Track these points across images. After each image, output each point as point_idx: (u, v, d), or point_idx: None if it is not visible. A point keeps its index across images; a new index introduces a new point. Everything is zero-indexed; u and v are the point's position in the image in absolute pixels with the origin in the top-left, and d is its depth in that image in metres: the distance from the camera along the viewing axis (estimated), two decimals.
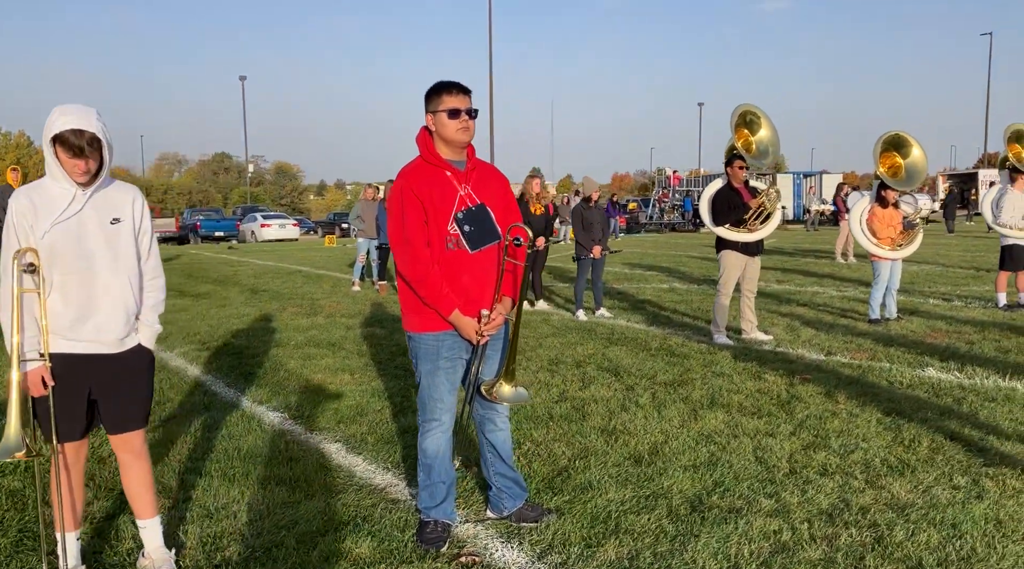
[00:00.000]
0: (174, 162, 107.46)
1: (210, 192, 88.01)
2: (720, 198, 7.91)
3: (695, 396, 5.56)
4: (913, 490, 3.79)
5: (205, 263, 19.13)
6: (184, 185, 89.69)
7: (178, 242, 34.98)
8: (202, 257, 21.54)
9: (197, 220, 36.69)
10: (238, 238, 36.78)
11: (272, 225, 35.72)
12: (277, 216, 38.53)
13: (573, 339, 7.85)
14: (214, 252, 24.72)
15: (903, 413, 5.06)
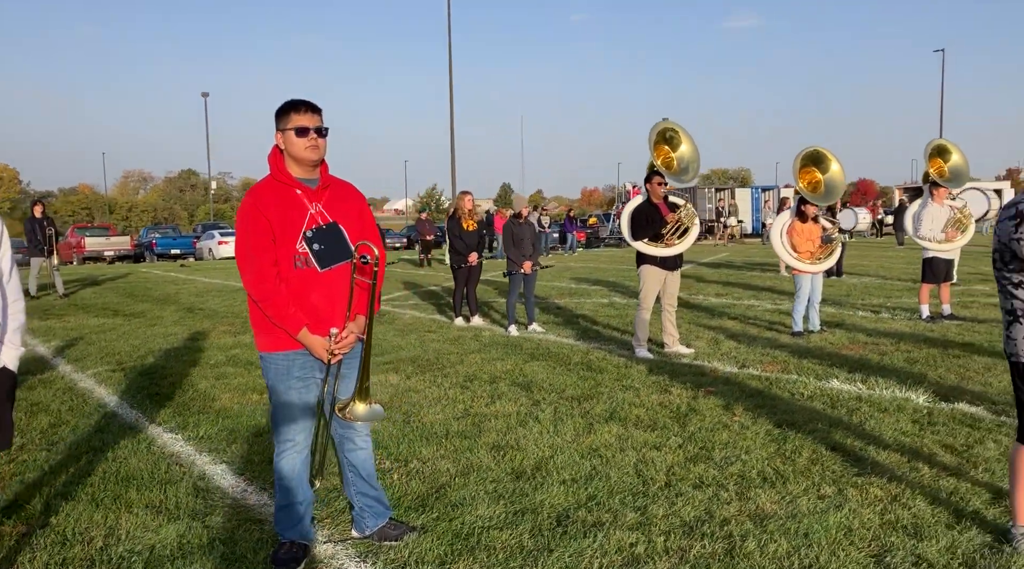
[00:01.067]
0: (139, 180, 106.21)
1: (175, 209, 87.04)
2: (639, 213, 8.03)
3: (596, 410, 5.61)
4: (779, 501, 3.86)
5: (151, 281, 18.90)
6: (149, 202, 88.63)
7: (134, 260, 34.49)
8: (151, 276, 21.26)
9: (153, 238, 36.24)
10: (196, 256, 36.36)
11: (230, 242, 35.34)
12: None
13: (495, 355, 7.88)
14: (164, 270, 24.41)
15: (794, 424, 5.16)
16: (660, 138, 8.24)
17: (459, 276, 10.36)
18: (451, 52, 39.01)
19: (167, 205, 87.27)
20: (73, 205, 78.74)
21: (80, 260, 33.48)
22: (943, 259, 9.86)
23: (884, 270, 17.34)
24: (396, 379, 6.77)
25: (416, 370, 7.18)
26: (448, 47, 38.96)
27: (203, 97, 56.76)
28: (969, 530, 3.49)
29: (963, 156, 10.06)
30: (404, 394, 6.21)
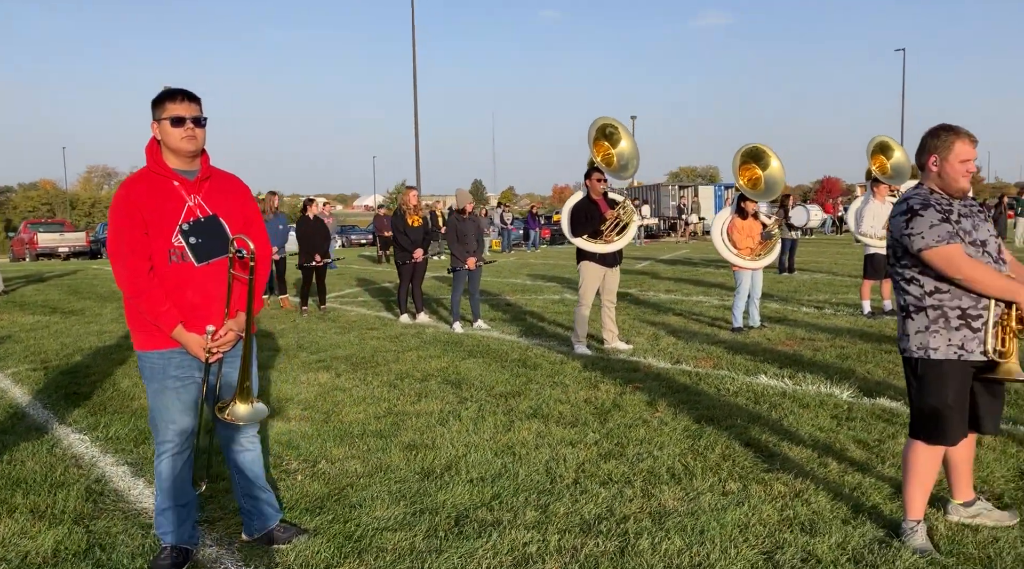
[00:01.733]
0: (103, 175, 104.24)
1: None
2: (578, 210, 8.00)
3: (521, 407, 5.57)
4: (682, 498, 3.85)
5: (99, 278, 18.50)
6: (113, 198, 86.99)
7: (90, 256, 33.82)
8: (101, 273, 20.81)
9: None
10: None
11: None
12: None
13: (433, 352, 7.81)
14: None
15: (713, 420, 5.16)
16: (600, 134, 8.21)
17: (404, 272, 10.26)
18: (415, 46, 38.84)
19: None
20: (33, 201, 77.06)
21: (33, 256, 32.75)
22: (884, 255, 9.96)
23: (836, 266, 17.53)
24: (326, 378, 6.67)
25: (348, 368, 7.08)
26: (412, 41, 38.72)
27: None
28: (864, 525, 3.50)
29: (905, 153, 10.18)
30: (330, 393, 6.11)
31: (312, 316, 10.75)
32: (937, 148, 3.31)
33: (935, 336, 3.26)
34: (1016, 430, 4.84)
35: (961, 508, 3.57)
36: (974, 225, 3.27)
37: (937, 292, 3.26)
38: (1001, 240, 3.40)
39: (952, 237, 3.19)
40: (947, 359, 3.23)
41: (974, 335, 3.22)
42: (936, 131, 3.34)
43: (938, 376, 3.25)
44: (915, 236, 3.24)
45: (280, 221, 11.68)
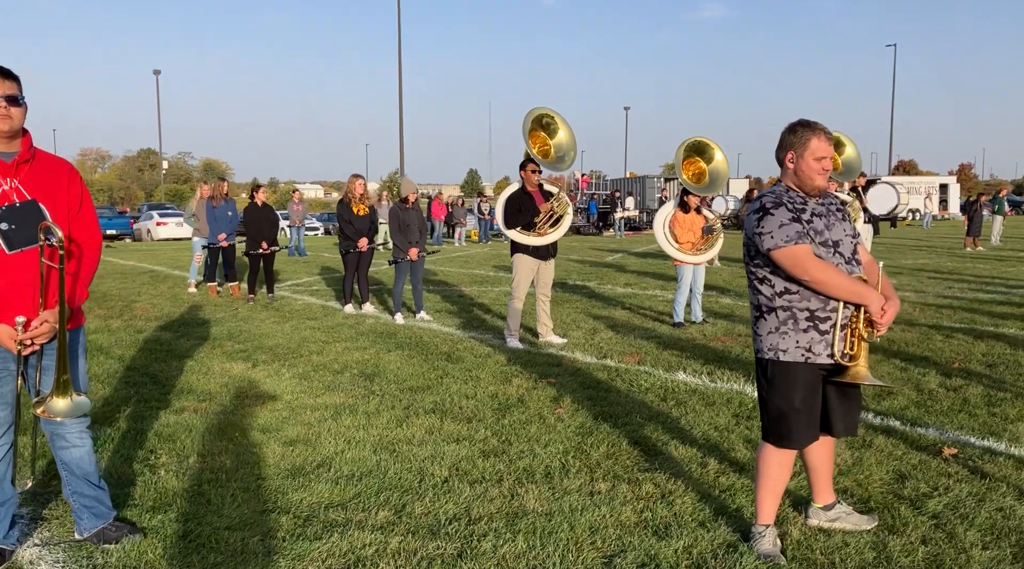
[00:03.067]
0: (97, 158, 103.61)
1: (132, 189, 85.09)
2: (512, 202, 7.89)
3: (424, 402, 5.48)
4: (546, 498, 3.77)
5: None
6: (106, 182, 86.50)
7: None
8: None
9: None
10: (134, 236, 35.54)
11: (169, 223, 34.54)
12: (176, 214, 37.28)
13: (362, 344, 7.71)
14: None
15: (612, 417, 5.08)
16: (536, 125, 8.09)
17: (348, 262, 10.14)
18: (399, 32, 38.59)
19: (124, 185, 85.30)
20: None
21: None
22: None
23: None
24: (239, 369, 6.57)
25: (268, 359, 6.98)
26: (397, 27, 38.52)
27: (155, 74, 55.37)
28: (719, 529, 3.43)
29: (856, 149, 10.10)
30: (236, 385, 6.01)
31: (258, 304, 10.63)
32: (793, 144, 3.22)
33: (785, 337, 3.18)
34: (913, 431, 4.78)
35: (821, 512, 3.50)
36: (828, 225, 3.18)
37: (787, 293, 3.17)
38: (860, 240, 3.32)
39: (801, 237, 3.10)
40: (795, 361, 3.15)
41: (822, 337, 3.14)
42: (793, 127, 3.24)
43: (786, 378, 3.17)
44: (765, 235, 3.15)
45: (229, 208, 11.54)
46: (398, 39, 38.50)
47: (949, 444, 4.55)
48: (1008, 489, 3.86)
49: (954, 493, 3.81)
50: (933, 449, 4.47)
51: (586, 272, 15.33)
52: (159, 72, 55.18)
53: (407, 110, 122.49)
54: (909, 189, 45.55)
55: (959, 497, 3.76)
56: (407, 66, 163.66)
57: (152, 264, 17.71)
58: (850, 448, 4.48)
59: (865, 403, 5.46)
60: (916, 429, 4.85)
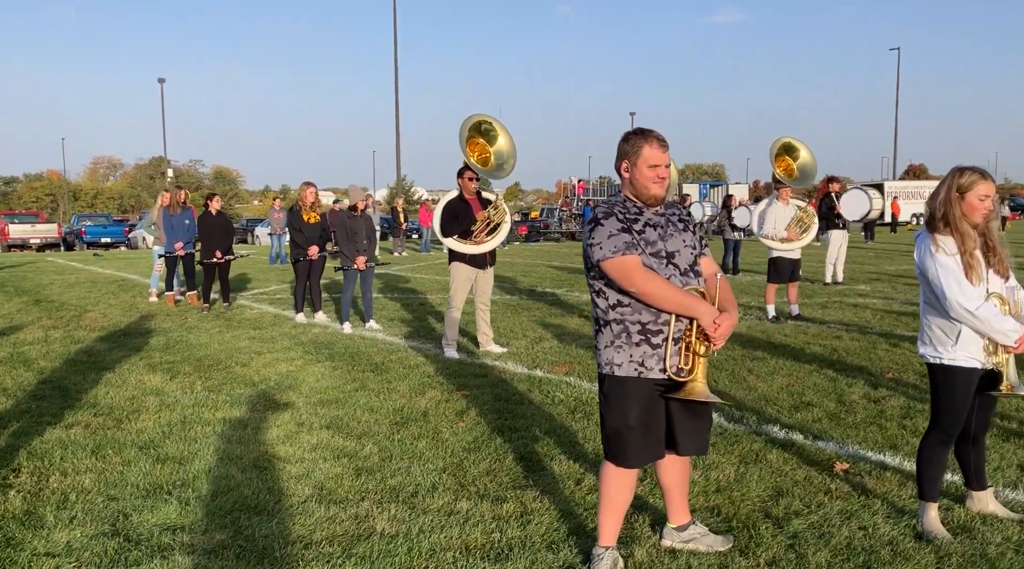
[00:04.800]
0: (109, 166, 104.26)
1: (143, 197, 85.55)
2: (448, 210, 7.78)
3: (325, 416, 5.36)
4: (400, 519, 3.65)
5: (41, 271, 18.33)
6: (117, 190, 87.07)
7: (66, 248, 33.70)
8: (53, 265, 20.66)
9: (83, 226, 35.40)
10: (129, 244, 35.65)
11: None
12: None
13: (294, 355, 7.61)
14: (68, 259, 23.75)
15: (512, 430, 4.97)
16: (475, 132, 7.99)
17: (299, 270, 10.05)
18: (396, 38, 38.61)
19: (134, 193, 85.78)
20: (37, 191, 77.27)
21: (4, 248, 32.67)
22: (788, 259, 9.74)
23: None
24: (156, 381, 6.47)
25: (189, 371, 6.88)
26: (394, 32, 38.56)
27: (160, 83, 55.62)
28: (563, 551, 3.30)
29: (811, 153, 9.94)
30: (144, 397, 5.92)
31: (212, 313, 10.56)
32: (627, 153, 3.10)
33: (619, 351, 3.05)
34: (812, 446, 4.64)
35: (675, 532, 3.37)
36: (663, 236, 3.06)
37: (619, 306, 3.05)
38: (705, 252, 3.19)
39: (630, 248, 2.98)
40: (629, 376, 3.03)
41: (654, 351, 3.01)
42: (627, 136, 3.13)
43: (620, 394, 3.05)
44: (595, 246, 3.03)
45: (187, 216, 11.48)
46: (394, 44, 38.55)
47: (844, 459, 4.41)
48: (882, 506, 3.72)
49: (824, 511, 3.67)
50: (826, 464, 4.32)
51: (559, 279, 15.20)
52: (164, 80, 55.49)
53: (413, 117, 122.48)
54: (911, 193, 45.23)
55: (828, 515, 3.62)
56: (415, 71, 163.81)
57: (129, 273, 17.68)
58: (743, 463, 4.34)
59: (775, 415, 5.32)
60: (817, 443, 4.71)
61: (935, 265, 3.33)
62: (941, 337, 3.40)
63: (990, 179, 3.35)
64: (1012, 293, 3.42)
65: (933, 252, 3.35)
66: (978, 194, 3.32)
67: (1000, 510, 3.62)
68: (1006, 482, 4.04)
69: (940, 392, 3.43)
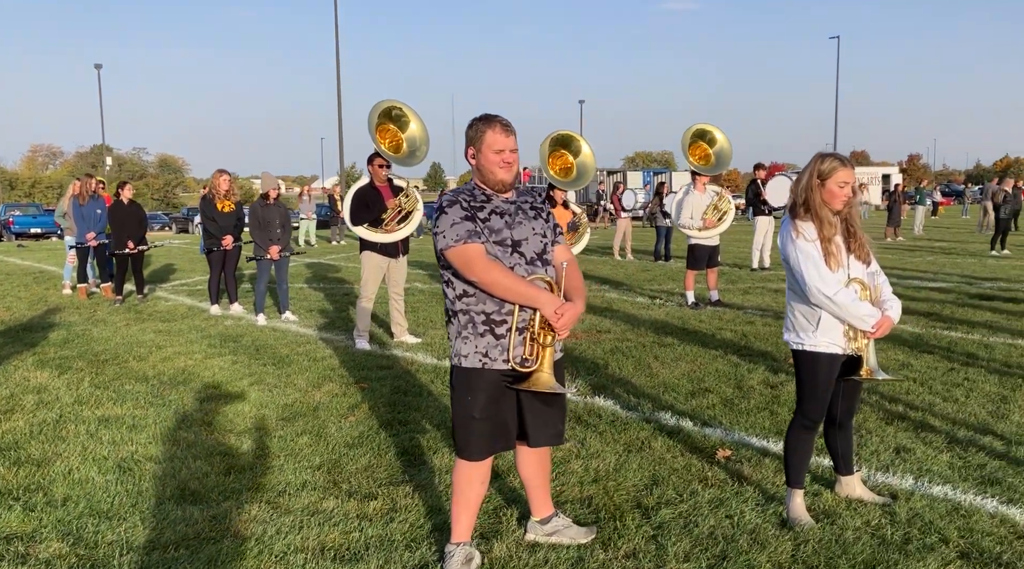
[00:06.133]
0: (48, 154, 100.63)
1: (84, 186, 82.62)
2: (358, 197, 7.60)
3: (210, 412, 5.17)
4: (260, 519, 3.51)
5: None
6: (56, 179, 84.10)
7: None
8: None
9: (11, 216, 34.07)
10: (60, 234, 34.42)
11: None
12: None
13: (195, 348, 7.37)
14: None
15: (402, 423, 4.86)
16: (385, 118, 7.80)
17: (213, 261, 9.75)
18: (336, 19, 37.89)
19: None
20: None
21: None
22: (706, 246, 9.79)
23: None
24: (43, 377, 6.19)
25: (82, 366, 6.61)
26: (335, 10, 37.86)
27: (96, 68, 53.79)
28: (422, 549, 3.20)
29: (728, 141, 9.96)
30: (22, 395, 5.65)
31: (125, 306, 10.20)
32: (473, 140, 3.00)
33: (466, 342, 2.96)
34: (700, 432, 4.62)
35: (538, 526, 3.30)
36: (510, 224, 2.96)
37: (465, 296, 2.95)
38: (560, 239, 3.10)
39: (472, 236, 2.88)
40: (474, 367, 2.94)
41: (497, 342, 2.92)
42: (472, 122, 3.02)
43: (466, 385, 2.96)
44: (439, 234, 2.93)
45: (99, 205, 11.06)
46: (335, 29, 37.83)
47: (728, 445, 4.40)
48: (754, 493, 3.71)
49: (696, 500, 3.64)
50: (710, 451, 4.31)
51: None
52: (100, 66, 53.78)
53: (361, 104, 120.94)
54: None
55: (698, 504, 3.59)
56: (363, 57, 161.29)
57: (49, 264, 17.04)
58: (627, 451, 4.30)
59: (670, 402, 5.30)
60: (705, 430, 4.69)
61: (796, 251, 3.31)
62: (803, 323, 3.38)
63: (850, 166, 3.34)
64: (873, 278, 3.42)
65: (794, 238, 3.32)
66: (838, 181, 3.30)
67: (867, 495, 3.63)
68: (880, 465, 4.07)
69: (803, 378, 3.42)
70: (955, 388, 5.53)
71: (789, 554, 3.11)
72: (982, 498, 3.60)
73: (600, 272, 14.02)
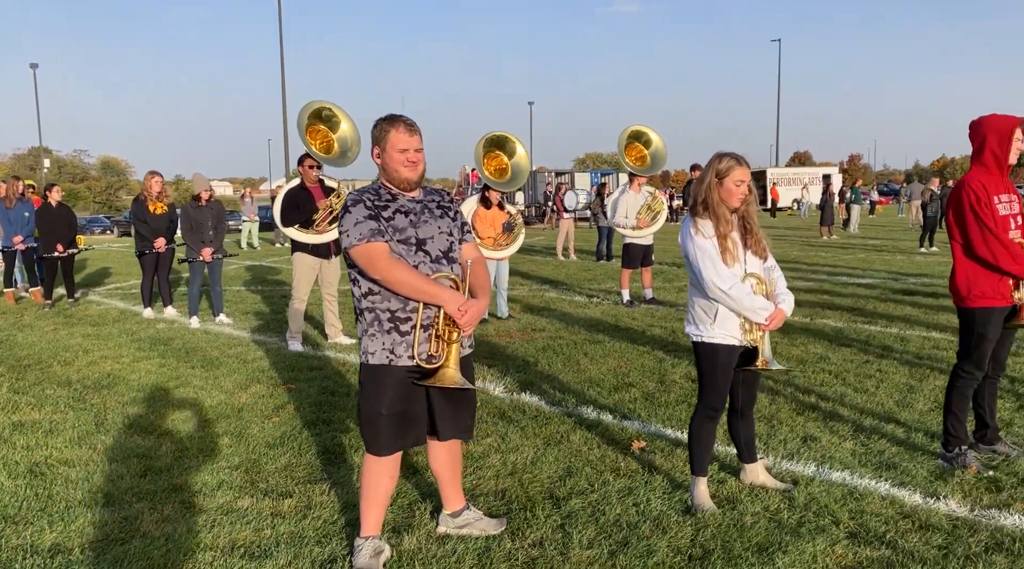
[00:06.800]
0: None
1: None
2: (289, 198, 7.57)
3: (131, 415, 5.12)
4: (172, 519, 3.50)
5: None
6: None
7: None
8: None
9: None
10: None
11: None
12: None
13: (124, 352, 7.26)
14: None
15: (327, 423, 4.87)
16: (315, 118, 7.78)
17: (146, 264, 9.59)
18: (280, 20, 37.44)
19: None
20: None
21: None
22: (640, 245, 9.97)
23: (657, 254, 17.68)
24: None
25: (3, 372, 6.47)
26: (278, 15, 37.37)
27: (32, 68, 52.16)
28: (332, 545, 3.24)
29: (661, 140, 10.17)
30: None
31: (54, 310, 9.97)
32: (377, 139, 3.06)
33: (373, 340, 3.02)
34: (618, 425, 4.74)
35: (449, 518, 3.37)
36: (415, 222, 3.03)
37: (371, 294, 3.01)
38: (467, 238, 3.17)
39: (375, 235, 2.93)
40: (381, 364, 2.99)
41: (403, 339, 2.98)
42: (377, 122, 3.08)
43: (373, 382, 3.01)
44: (343, 233, 2.98)
45: (26, 208, 10.79)
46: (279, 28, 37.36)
47: (644, 437, 4.52)
48: (663, 482, 3.83)
49: (607, 489, 3.75)
50: (625, 443, 4.42)
51: None
52: (36, 66, 52.22)
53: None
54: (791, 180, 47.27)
55: (608, 493, 3.70)
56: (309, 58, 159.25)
57: None
58: (546, 445, 4.39)
59: (594, 397, 5.41)
60: (624, 422, 4.82)
61: (694, 248, 3.44)
62: (702, 316, 3.51)
63: (746, 165, 3.48)
64: (769, 273, 3.57)
65: (693, 235, 3.45)
66: (734, 179, 3.44)
67: (769, 481, 3.78)
68: (786, 453, 4.23)
69: (703, 369, 3.55)
70: (867, 379, 5.75)
71: (689, 539, 3.23)
72: (876, 482, 3.78)
73: (542, 272, 14.16)
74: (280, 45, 37.67)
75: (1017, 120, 3.85)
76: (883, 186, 55.69)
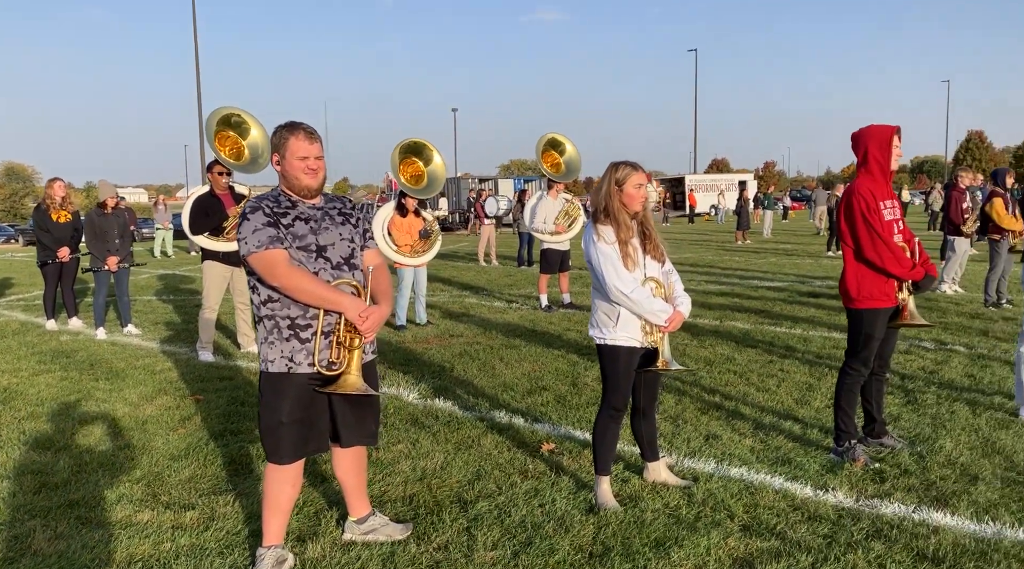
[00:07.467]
0: None
1: None
2: (197, 206, 7.40)
3: (28, 429, 4.92)
4: (65, 535, 3.40)
5: None
6: None
7: None
8: None
9: None
10: None
11: None
12: None
13: (23, 365, 6.96)
14: None
15: (233, 434, 4.78)
16: (224, 125, 7.63)
17: (48, 274, 9.20)
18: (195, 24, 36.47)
19: None
20: None
21: None
22: (557, 250, 10.11)
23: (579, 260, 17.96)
24: None
25: None
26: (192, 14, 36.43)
27: None
28: (235, 555, 3.20)
29: (575, 148, 10.36)
30: None
31: None
32: (277, 147, 3.04)
33: (271, 347, 3.00)
34: (529, 428, 4.81)
35: (355, 525, 3.36)
36: (316, 229, 3.02)
37: (271, 301, 2.99)
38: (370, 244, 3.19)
39: (274, 242, 2.92)
40: (280, 372, 2.98)
41: (303, 346, 2.98)
42: (276, 130, 3.07)
43: (273, 390, 2.99)
44: (241, 241, 2.95)
45: None
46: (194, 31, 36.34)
47: (553, 439, 4.60)
48: (569, 483, 3.91)
49: (514, 491, 3.81)
50: (535, 446, 4.49)
51: None
52: None
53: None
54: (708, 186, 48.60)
55: (515, 495, 3.76)
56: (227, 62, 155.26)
57: None
58: (456, 450, 4.42)
59: (507, 401, 5.48)
60: (535, 425, 4.89)
61: (596, 253, 3.54)
62: (604, 319, 3.61)
63: (641, 170, 3.61)
64: (667, 277, 3.70)
65: (595, 241, 3.55)
66: (633, 184, 3.55)
67: (671, 479, 3.91)
68: (689, 451, 4.37)
69: (606, 370, 3.65)
70: (769, 379, 5.99)
71: (591, 537, 3.32)
72: (771, 477, 3.95)
73: (463, 278, 14.19)
74: (195, 47, 36.72)
75: (894, 128, 4.10)
76: (796, 192, 57.85)
